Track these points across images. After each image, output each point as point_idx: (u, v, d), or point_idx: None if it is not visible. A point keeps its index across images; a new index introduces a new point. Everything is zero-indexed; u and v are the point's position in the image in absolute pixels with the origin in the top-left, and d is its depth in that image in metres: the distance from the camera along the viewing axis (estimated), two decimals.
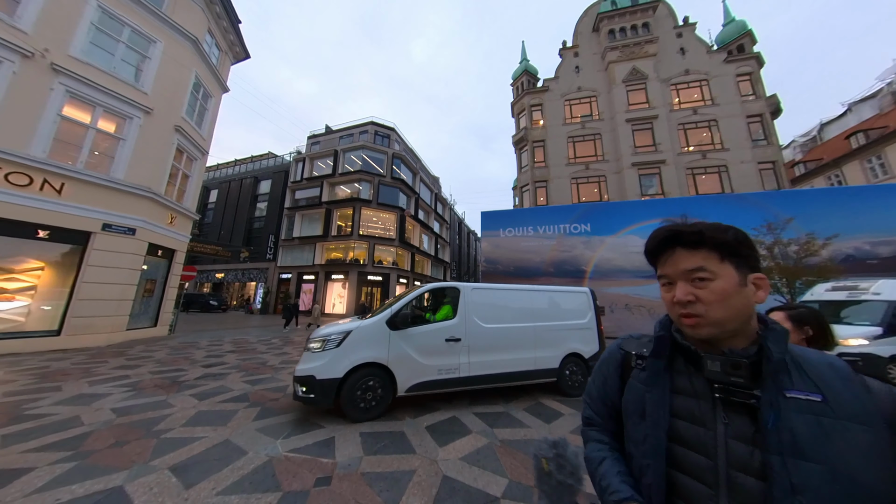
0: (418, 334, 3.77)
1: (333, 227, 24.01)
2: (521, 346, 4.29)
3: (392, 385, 3.52)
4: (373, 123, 27.73)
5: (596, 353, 4.80)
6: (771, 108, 17.11)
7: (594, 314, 5.01)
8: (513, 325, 4.32)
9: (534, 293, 4.71)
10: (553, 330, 4.57)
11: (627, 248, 14.46)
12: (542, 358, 4.37)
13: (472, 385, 3.92)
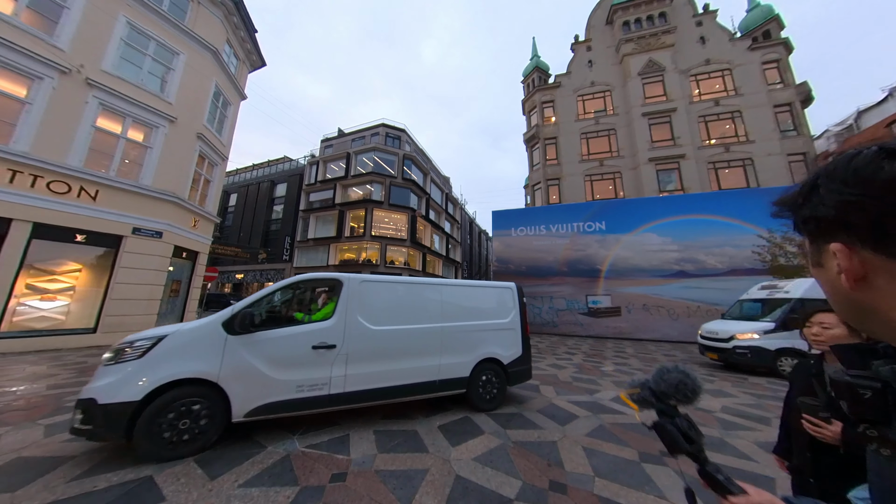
0: (271, 340, 2.90)
1: (346, 229, 24.46)
2: (422, 352, 3.57)
3: (225, 409, 2.66)
4: (384, 125, 28.06)
5: (518, 357, 4.15)
6: (801, 97, 16.12)
7: (519, 313, 4.41)
8: (413, 326, 3.58)
9: (444, 288, 4.00)
10: (466, 331, 3.90)
11: (645, 246, 14.03)
12: (448, 366, 3.66)
13: (346, 404, 3.10)
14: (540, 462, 2.59)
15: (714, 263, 12.50)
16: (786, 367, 6.06)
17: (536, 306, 14.33)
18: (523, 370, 4.23)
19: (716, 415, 3.88)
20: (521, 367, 4.18)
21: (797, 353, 5.98)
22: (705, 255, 12.74)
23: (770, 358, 6.12)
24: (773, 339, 6.24)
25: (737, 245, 12.21)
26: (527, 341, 4.34)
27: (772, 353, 6.13)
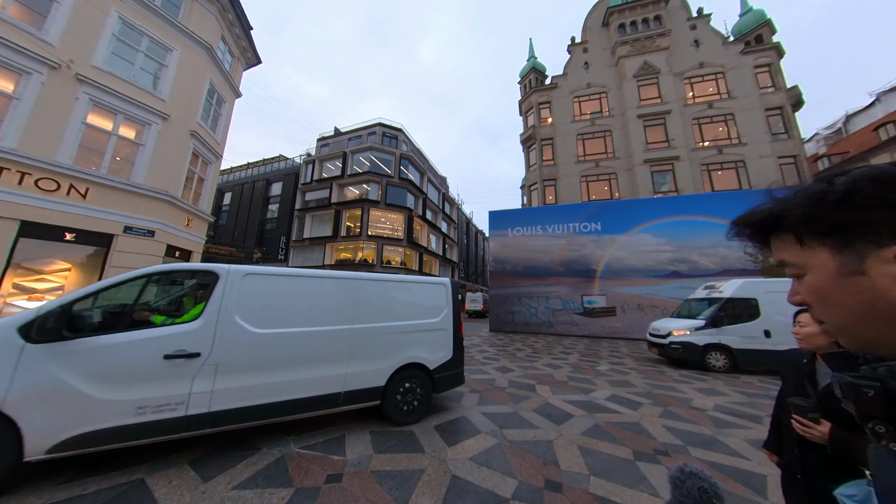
0: (101, 349, 2.24)
1: (343, 228, 24.32)
2: (324, 359, 3.01)
3: (13, 444, 1.96)
4: (381, 125, 27.97)
5: (448, 360, 3.75)
6: (792, 101, 16.41)
7: (452, 311, 3.95)
8: (312, 329, 2.99)
9: (358, 283, 3.40)
10: (384, 334, 3.39)
11: (640, 246, 14.17)
12: (358, 374, 3.14)
13: (213, 426, 2.47)
14: (536, 461, 2.60)
15: (707, 264, 12.68)
16: (713, 361, 6.51)
17: (533, 306, 14.40)
18: (453, 375, 3.82)
19: (708, 413, 3.93)
20: (451, 371, 3.78)
21: (724, 348, 6.44)
22: (699, 255, 12.91)
23: (699, 353, 6.55)
24: (702, 335, 6.65)
25: (729, 246, 12.37)
26: (459, 343, 3.91)
27: (700, 348, 6.55)
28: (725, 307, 6.74)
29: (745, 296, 6.68)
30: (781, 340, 6.03)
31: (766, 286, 6.69)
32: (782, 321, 5.98)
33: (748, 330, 6.39)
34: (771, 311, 6.36)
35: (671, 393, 4.80)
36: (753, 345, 6.27)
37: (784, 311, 6.11)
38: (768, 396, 4.70)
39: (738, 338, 6.42)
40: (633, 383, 5.31)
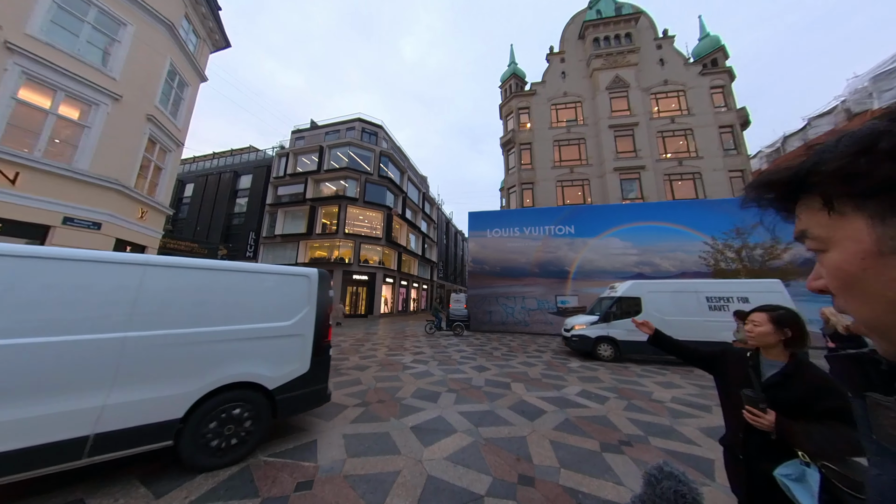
0: None
1: (318, 225, 23.41)
2: (64, 386, 2.00)
3: None
4: (360, 120, 27.27)
5: (301, 375, 2.92)
6: (741, 120, 18.20)
7: (315, 312, 3.10)
8: (46, 339, 1.98)
9: (149, 271, 2.41)
10: (188, 344, 2.44)
11: (609, 249, 15.03)
12: (126, 407, 2.15)
13: None
14: (509, 457, 2.67)
15: (667, 267, 13.70)
16: (602, 351, 7.43)
17: (510, 306, 14.75)
18: (307, 394, 2.98)
19: (666, 405, 4.24)
20: (304, 389, 2.93)
21: (611, 340, 7.36)
22: (660, 258, 13.92)
23: (591, 344, 7.46)
24: (595, 329, 7.54)
25: (686, 250, 13.48)
26: (321, 352, 3.09)
27: (592, 340, 7.46)
28: (616, 304, 7.62)
29: (631, 295, 7.58)
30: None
31: (649, 287, 7.68)
32: (657, 317, 7.06)
33: (630, 324, 6.99)
34: (650, 308, 7.30)
35: (635, 387, 5.13)
36: (634, 337, 7.12)
37: (660, 309, 7.25)
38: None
39: (622, 331, 7.33)
40: (601, 379, 5.61)
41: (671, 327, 7.25)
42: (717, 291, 7.25)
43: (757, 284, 7.45)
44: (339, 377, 5.25)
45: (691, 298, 7.25)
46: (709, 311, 7.09)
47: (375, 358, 7.07)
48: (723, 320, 6.75)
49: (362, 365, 6.27)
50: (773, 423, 1.12)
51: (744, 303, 6.98)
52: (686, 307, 7.19)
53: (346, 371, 5.71)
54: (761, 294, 6.99)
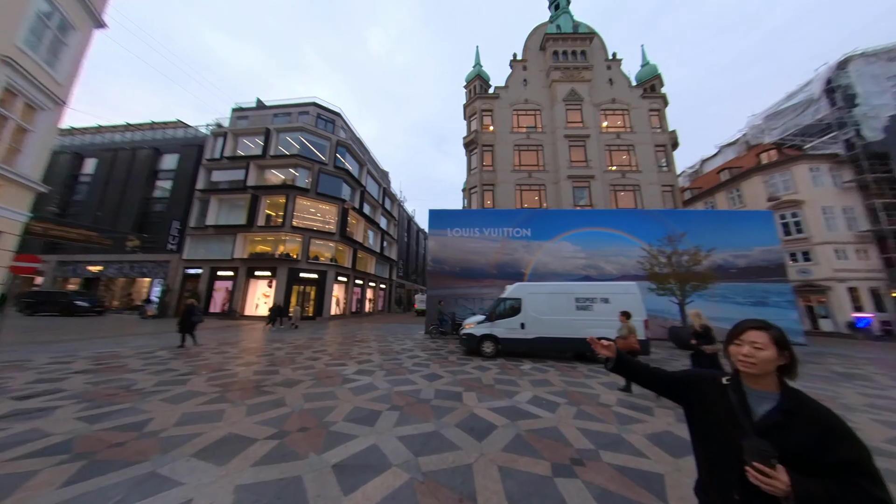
0: None
1: (260, 217, 20.88)
2: None
3: None
4: (316, 105, 25.09)
5: None
6: (671, 141, 20.60)
7: None
8: None
9: None
10: None
11: (561, 253, 15.76)
12: None
13: None
14: (451, 497, 2.21)
15: (611, 270, 14.78)
16: (485, 348, 7.86)
17: (468, 307, 14.58)
18: None
19: (613, 409, 4.21)
20: None
21: (494, 338, 7.80)
22: (605, 262, 14.96)
23: (475, 342, 7.87)
24: (480, 327, 7.96)
25: (627, 255, 14.69)
26: None
27: (477, 338, 7.87)
28: (501, 305, 8.06)
29: (515, 296, 8.06)
30: (532, 331, 7.75)
31: (530, 288, 8.18)
32: (534, 316, 7.73)
33: (511, 323, 7.85)
34: (528, 308, 7.82)
35: (583, 389, 5.11)
36: (513, 334, 7.75)
37: (536, 309, 7.79)
38: None
39: (504, 329, 7.84)
40: (551, 382, 5.52)
41: (544, 325, 7.68)
42: (585, 293, 7.94)
43: (615, 286, 8.10)
44: (259, 398, 4.35)
45: (563, 299, 7.86)
46: (576, 311, 7.73)
47: (312, 370, 6.17)
48: (587, 318, 7.61)
49: (293, 379, 5.36)
50: (790, 487, 0.79)
51: (605, 303, 7.68)
52: (558, 307, 7.77)
53: (269, 389, 4.78)
54: (619, 295, 7.72)
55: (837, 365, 8.41)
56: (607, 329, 7.51)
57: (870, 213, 18.33)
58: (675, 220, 15.04)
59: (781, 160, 20.45)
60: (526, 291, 8.14)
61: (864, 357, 10.09)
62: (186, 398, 4.28)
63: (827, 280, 18.23)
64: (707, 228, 14.08)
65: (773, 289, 14.32)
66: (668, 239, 12.33)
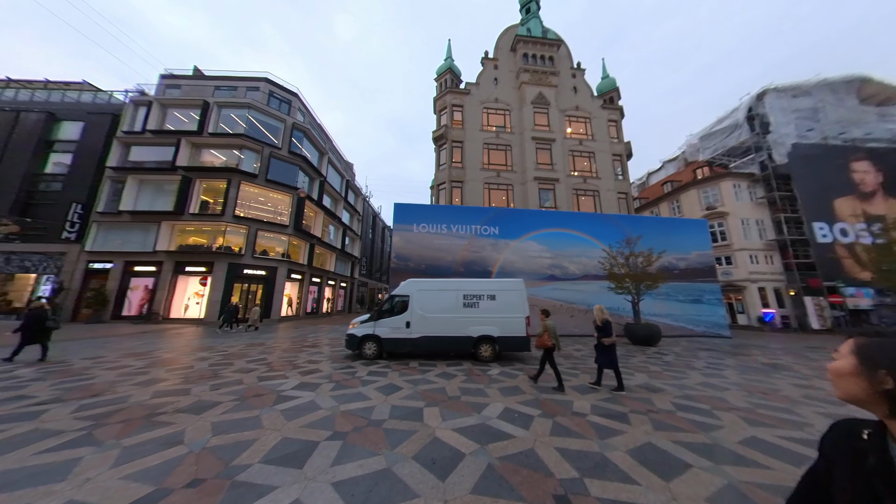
0: None
1: (194, 203, 17.95)
2: None
3: None
4: (268, 81, 22.39)
5: None
6: (626, 152, 22.13)
7: None
8: None
9: None
10: None
11: (528, 252, 15.86)
12: None
13: None
14: None
15: (574, 270, 15.23)
16: (367, 350, 7.30)
17: None
18: None
19: (589, 419, 3.85)
20: None
21: (376, 339, 7.34)
22: (568, 262, 15.38)
23: (356, 343, 7.39)
24: (363, 327, 7.47)
25: (589, 256, 15.26)
26: None
27: (358, 338, 7.39)
28: (389, 302, 7.63)
29: (404, 293, 7.66)
30: (417, 331, 7.35)
31: (420, 285, 7.78)
32: (420, 314, 7.39)
33: (396, 322, 7.43)
34: (416, 306, 7.45)
35: (554, 396, 4.73)
36: (397, 334, 7.31)
37: (424, 306, 7.41)
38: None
39: (388, 329, 7.38)
40: (521, 389, 5.08)
41: (430, 324, 7.10)
42: (472, 290, 7.66)
43: (504, 283, 7.90)
44: (146, 433, 3.19)
45: (452, 296, 7.57)
46: (462, 308, 7.47)
47: (239, 386, 4.99)
48: (472, 316, 7.40)
49: (206, 402, 4.18)
50: None
51: (491, 300, 7.52)
52: (446, 304, 7.48)
53: (166, 419, 3.59)
54: (506, 292, 7.61)
55: (761, 356, 9.37)
56: (491, 326, 7.38)
57: (776, 225, 21.56)
58: (629, 224, 16.01)
59: (712, 176, 23.17)
60: (416, 288, 7.67)
61: (777, 347, 11.54)
62: (26, 442, 2.97)
63: (743, 281, 21.02)
64: (656, 232, 15.22)
65: (706, 288, 15.99)
66: (626, 241, 12.93)
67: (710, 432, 3.40)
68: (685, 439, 3.23)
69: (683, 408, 4.26)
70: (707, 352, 9.87)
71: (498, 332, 7.33)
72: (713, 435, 3.33)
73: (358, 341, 7.39)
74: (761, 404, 4.50)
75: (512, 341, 7.39)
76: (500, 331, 7.34)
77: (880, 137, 22.70)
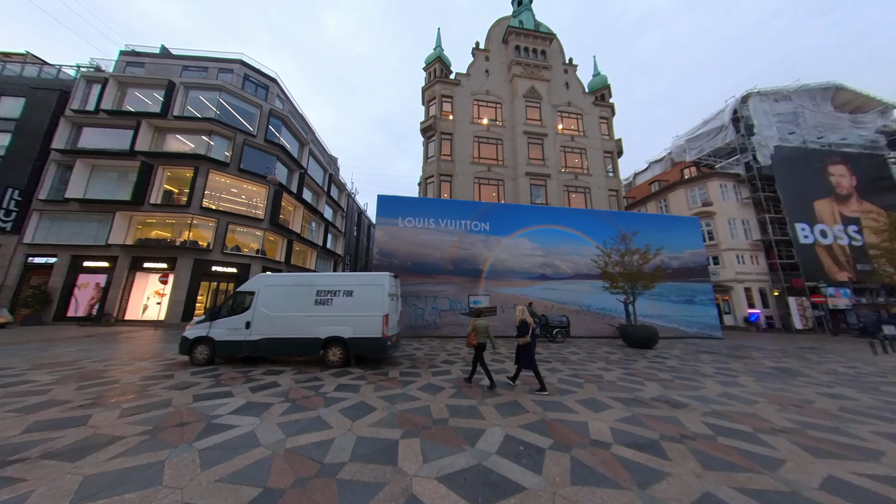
0: None
1: (155, 192, 16.24)
2: None
3: None
4: (242, 64, 20.72)
5: None
6: (617, 149, 21.88)
7: None
8: None
9: None
10: None
11: (519, 249, 15.12)
12: None
13: None
14: None
15: (565, 268, 14.62)
16: (198, 354, 6.41)
17: (419, 307, 12.95)
18: None
19: (614, 451, 3.01)
20: None
21: (208, 341, 6.39)
22: (560, 261, 14.76)
23: (187, 347, 6.48)
24: (196, 329, 6.55)
25: (581, 254, 14.69)
26: None
27: (190, 341, 6.47)
28: (230, 300, 6.79)
29: (250, 289, 6.78)
30: (258, 332, 6.44)
31: (269, 280, 6.87)
32: (264, 312, 6.50)
33: (235, 322, 6.53)
34: (261, 304, 6.56)
35: (565, 416, 3.89)
36: (234, 336, 6.43)
37: (269, 304, 6.51)
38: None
39: (224, 330, 6.48)
40: (523, 407, 4.21)
41: (274, 324, 6.47)
42: (328, 285, 6.75)
43: (365, 277, 7.07)
44: None
45: (304, 292, 6.68)
46: (313, 306, 6.56)
47: (163, 410, 3.87)
48: (323, 314, 6.45)
49: (104, 437, 3.08)
50: None
51: (348, 296, 6.60)
52: (296, 302, 6.60)
53: (22, 469, 2.49)
54: (364, 287, 6.70)
55: (763, 358, 8.95)
56: (343, 326, 6.38)
57: (760, 225, 21.86)
58: (622, 221, 15.57)
59: (699, 176, 23.29)
60: (264, 283, 6.78)
61: (772, 348, 11.28)
62: None
63: (731, 281, 21.16)
64: (648, 230, 14.80)
65: (699, 288, 15.77)
66: (621, 237, 12.37)
67: (776, 471, 2.63)
68: (751, 485, 2.42)
69: (720, 430, 3.50)
70: (708, 354, 9.38)
71: (350, 333, 6.37)
72: (783, 476, 2.55)
73: (189, 345, 6.40)
74: (804, 422, 3.82)
75: (365, 344, 6.39)
76: (353, 331, 6.39)
77: (854, 143, 23.50)
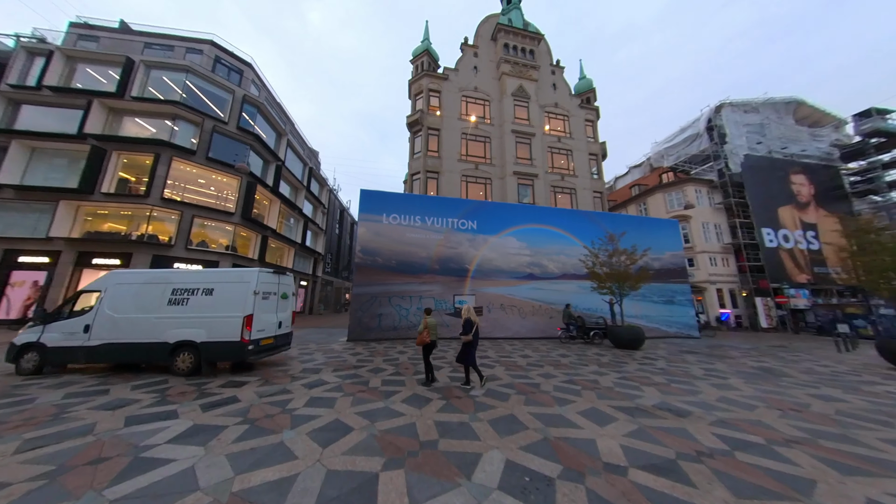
0: None
1: (108, 181, 14.61)
2: None
3: None
4: (213, 44, 19.18)
5: None
6: (602, 152, 22.26)
7: None
8: None
9: None
10: None
11: (506, 248, 14.86)
12: None
13: None
14: None
15: (553, 268, 14.52)
16: (25, 363, 5.64)
17: (404, 307, 12.35)
18: None
19: (632, 477, 2.64)
20: None
21: (38, 347, 5.68)
22: (547, 260, 14.65)
23: (13, 354, 5.68)
24: (26, 334, 5.83)
25: (568, 254, 14.65)
26: None
27: (17, 347, 5.69)
28: (73, 299, 6.16)
29: (95, 287, 6.11)
30: (98, 336, 5.78)
31: (119, 278, 6.23)
32: (108, 314, 5.85)
33: (71, 325, 5.83)
34: (105, 305, 5.92)
35: (568, 433, 3.50)
36: (70, 341, 5.71)
37: (116, 305, 5.88)
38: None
39: (59, 335, 5.73)
40: (521, 422, 3.78)
41: (119, 327, 5.79)
42: (185, 283, 6.11)
43: (229, 273, 6.55)
44: None
45: (157, 291, 6.02)
46: (166, 307, 5.92)
47: (79, 440, 3.12)
48: (176, 316, 5.83)
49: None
50: None
51: (207, 295, 5.99)
52: (147, 302, 5.95)
53: None
54: (226, 285, 6.12)
55: (742, 357, 9.14)
56: (196, 329, 5.74)
57: (731, 230, 23.02)
58: (607, 222, 15.72)
59: (676, 181, 24.19)
60: (115, 282, 6.09)
61: (746, 347, 11.67)
62: None
63: (704, 282, 22.10)
64: (632, 231, 15.00)
65: (678, 289, 16.22)
66: (609, 238, 12.38)
67: (811, 496, 2.34)
68: None
69: (734, 443, 3.24)
70: (691, 355, 9.47)
71: (204, 337, 5.73)
72: (822, 503, 2.27)
73: (17, 352, 5.59)
74: (811, 430, 3.66)
75: (220, 348, 5.75)
76: (207, 335, 5.75)
77: (812, 154, 25.27)
